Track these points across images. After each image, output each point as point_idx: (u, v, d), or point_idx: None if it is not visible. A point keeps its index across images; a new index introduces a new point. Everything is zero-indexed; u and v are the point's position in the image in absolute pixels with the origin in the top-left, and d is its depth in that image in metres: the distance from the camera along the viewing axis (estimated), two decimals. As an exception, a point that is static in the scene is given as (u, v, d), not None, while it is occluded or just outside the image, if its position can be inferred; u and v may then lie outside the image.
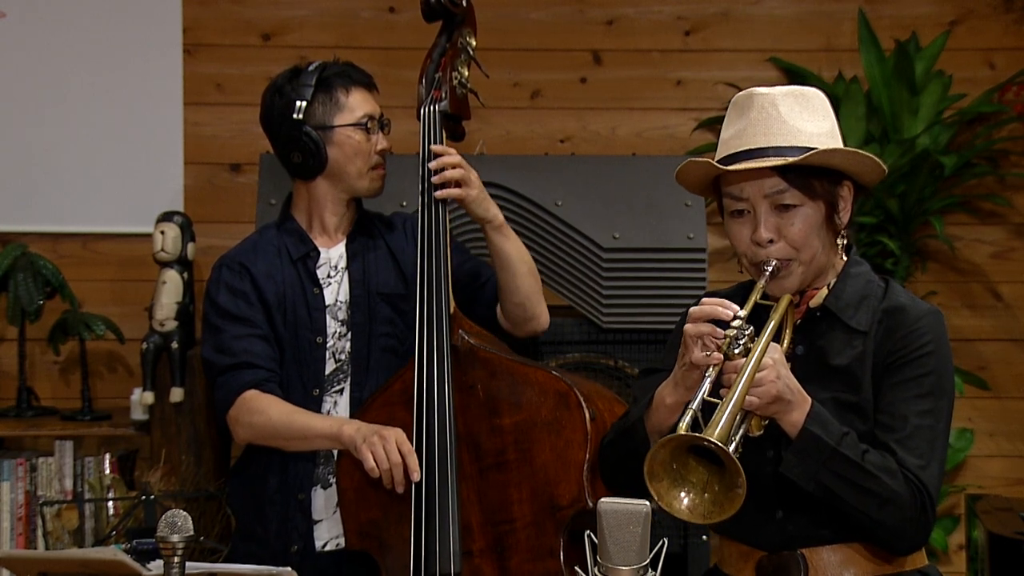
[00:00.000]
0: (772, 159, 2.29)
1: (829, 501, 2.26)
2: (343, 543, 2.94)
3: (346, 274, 3.08)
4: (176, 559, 2.10)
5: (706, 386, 2.17)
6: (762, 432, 2.27)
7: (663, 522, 2.47)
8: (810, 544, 2.35)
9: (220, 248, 3.31)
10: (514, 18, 4.27)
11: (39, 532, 3.68)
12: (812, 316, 2.40)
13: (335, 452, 2.94)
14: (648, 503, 2.01)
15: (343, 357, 3.04)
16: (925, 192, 4.12)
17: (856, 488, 2.23)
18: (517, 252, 3.02)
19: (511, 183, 3.68)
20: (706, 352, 2.21)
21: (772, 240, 2.32)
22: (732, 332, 2.21)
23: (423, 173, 2.95)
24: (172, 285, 3.77)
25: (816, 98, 2.38)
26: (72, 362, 4.18)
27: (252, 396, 2.94)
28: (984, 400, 4.28)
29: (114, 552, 2.33)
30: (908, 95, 4.13)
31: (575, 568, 2.06)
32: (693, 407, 2.15)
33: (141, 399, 3.73)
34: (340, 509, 2.91)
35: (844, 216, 2.37)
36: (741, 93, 2.40)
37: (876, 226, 4.12)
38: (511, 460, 2.76)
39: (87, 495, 3.73)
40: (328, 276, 3.08)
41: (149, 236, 3.84)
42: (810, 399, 2.25)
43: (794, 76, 4.19)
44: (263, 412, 2.92)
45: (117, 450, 3.85)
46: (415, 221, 2.98)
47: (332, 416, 2.99)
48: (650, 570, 2.00)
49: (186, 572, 2.13)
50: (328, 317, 3.05)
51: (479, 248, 3.39)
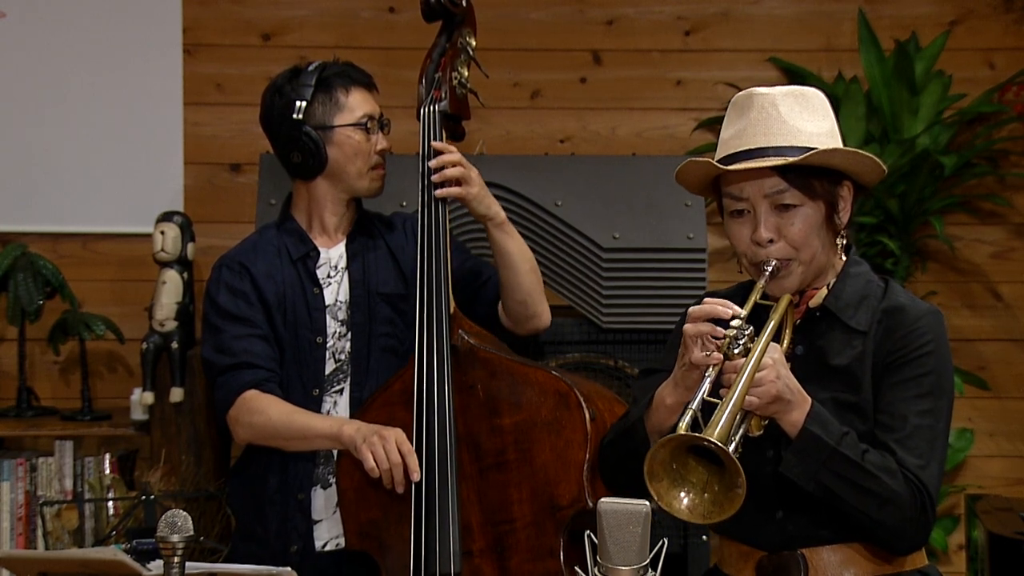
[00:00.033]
0: (772, 159, 2.29)
1: (829, 501, 2.26)
2: (343, 543, 2.94)
3: (346, 274, 3.08)
4: (176, 559, 2.10)
5: (706, 386, 2.17)
6: (762, 432, 2.27)
7: (663, 522, 2.47)
8: (810, 544, 2.34)
9: (220, 248, 3.31)
10: (514, 18, 4.27)
11: (39, 532, 3.68)
12: (812, 316, 2.40)
13: (335, 452, 2.94)
14: (648, 503, 2.01)
15: (343, 357, 3.04)
16: (925, 192, 4.11)
17: (856, 488, 2.23)
18: (519, 250, 3.02)
19: (511, 183, 3.68)
20: (706, 352, 2.21)
21: (772, 240, 2.32)
22: (732, 332, 2.21)
23: (423, 171, 2.95)
24: (172, 285, 3.77)
25: (816, 98, 2.38)
26: (72, 362, 4.18)
27: (252, 396, 2.94)
28: (984, 400, 4.27)
29: (114, 552, 2.33)
30: (908, 95, 4.12)
31: (575, 568, 2.06)
32: (693, 407, 2.15)
33: (141, 399, 3.73)
34: (340, 509, 2.91)
35: (844, 216, 2.37)
36: (741, 93, 2.40)
37: (876, 226, 4.12)
38: (511, 460, 2.76)
39: (87, 495, 3.73)
40: (328, 276, 3.08)
41: (149, 236, 3.84)
42: (810, 399, 2.25)
43: (794, 76, 4.18)
44: (263, 412, 2.92)
45: (117, 450, 3.84)
46: (415, 221, 2.98)
47: (332, 416, 2.98)
48: (650, 570, 2.00)
49: (186, 572, 2.13)
50: (328, 317, 3.05)
51: (480, 247, 3.39)
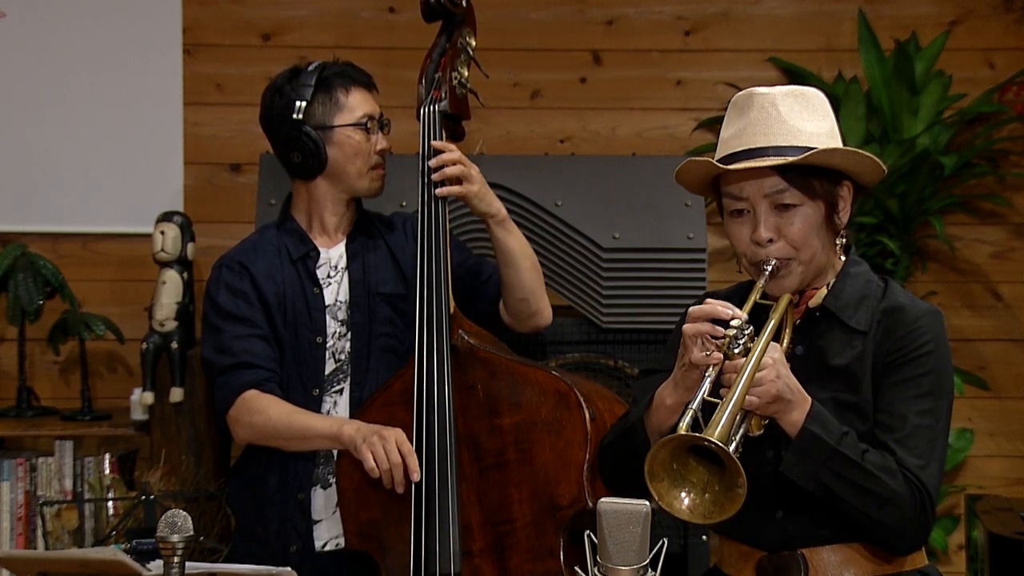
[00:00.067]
0: (772, 158, 2.29)
1: (829, 501, 2.26)
2: (343, 543, 2.94)
3: (346, 274, 3.08)
4: (176, 559, 2.10)
5: (706, 386, 2.18)
6: (762, 432, 2.27)
7: (663, 522, 2.47)
8: (810, 544, 2.34)
9: (220, 248, 3.31)
10: (514, 18, 4.26)
11: (39, 532, 3.68)
12: (811, 316, 2.40)
13: (335, 452, 2.94)
14: (648, 503, 2.01)
15: (343, 357, 3.04)
16: (925, 192, 4.11)
17: (856, 488, 2.23)
18: (520, 247, 3.02)
19: (511, 183, 3.67)
20: (706, 352, 2.21)
21: (772, 239, 2.32)
22: (732, 332, 2.21)
23: (423, 171, 2.95)
24: (172, 285, 3.77)
25: (816, 98, 2.38)
26: (72, 362, 4.18)
27: (252, 396, 2.94)
28: (984, 400, 4.27)
29: (114, 552, 2.33)
30: (908, 95, 4.12)
31: (575, 568, 2.06)
32: (693, 407, 2.15)
33: (141, 399, 3.73)
34: (340, 509, 2.91)
35: (844, 216, 2.37)
36: (741, 93, 2.40)
37: (876, 226, 4.12)
38: (511, 460, 2.76)
39: (87, 495, 3.72)
40: (328, 276, 3.07)
41: (149, 236, 3.84)
42: (810, 399, 2.25)
43: (794, 76, 4.18)
44: (263, 412, 2.92)
45: (117, 450, 3.84)
46: (415, 221, 2.98)
47: (332, 416, 2.98)
48: (650, 570, 2.00)
49: (186, 572, 2.13)
50: (328, 317, 3.04)
51: (481, 247, 3.39)
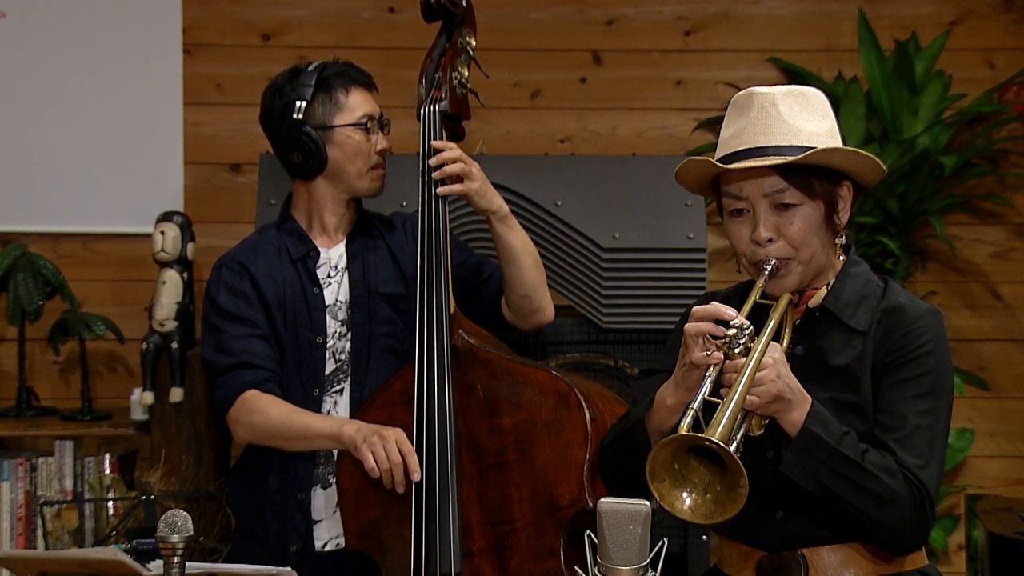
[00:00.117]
0: (772, 158, 2.29)
1: (829, 501, 2.26)
2: (343, 543, 2.94)
3: (346, 274, 3.08)
4: (176, 559, 2.10)
5: (707, 386, 2.18)
6: (762, 431, 2.27)
7: (663, 522, 2.47)
8: (810, 544, 2.34)
9: (220, 248, 3.31)
10: (514, 18, 4.26)
11: (39, 532, 3.67)
12: (811, 316, 2.40)
13: (335, 452, 2.94)
14: (648, 503, 2.00)
15: (343, 357, 3.04)
16: (925, 192, 4.11)
17: (856, 488, 2.23)
18: (522, 244, 3.02)
19: (511, 183, 3.67)
20: (706, 352, 2.21)
21: (771, 239, 2.32)
22: (732, 332, 2.21)
23: (423, 171, 2.95)
24: (172, 285, 3.77)
25: (816, 98, 2.38)
26: (72, 362, 4.18)
27: (252, 396, 2.94)
28: (984, 400, 4.27)
29: (114, 552, 2.33)
30: (908, 95, 4.12)
31: (575, 568, 2.06)
32: (694, 407, 2.15)
33: (141, 399, 3.73)
34: (340, 509, 2.91)
35: (843, 216, 2.37)
36: (741, 93, 2.40)
37: (876, 226, 4.12)
38: (511, 460, 2.76)
39: (87, 495, 3.72)
40: (328, 276, 3.07)
41: (149, 236, 3.84)
42: (810, 398, 2.25)
43: (794, 76, 4.18)
44: (263, 412, 2.92)
45: (117, 450, 3.84)
46: (415, 221, 2.98)
47: (332, 416, 2.98)
48: (650, 570, 2.00)
49: (186, 572, 2.13)
50: (328, 317, 3.04)
51: (482, 246, 3.39)
